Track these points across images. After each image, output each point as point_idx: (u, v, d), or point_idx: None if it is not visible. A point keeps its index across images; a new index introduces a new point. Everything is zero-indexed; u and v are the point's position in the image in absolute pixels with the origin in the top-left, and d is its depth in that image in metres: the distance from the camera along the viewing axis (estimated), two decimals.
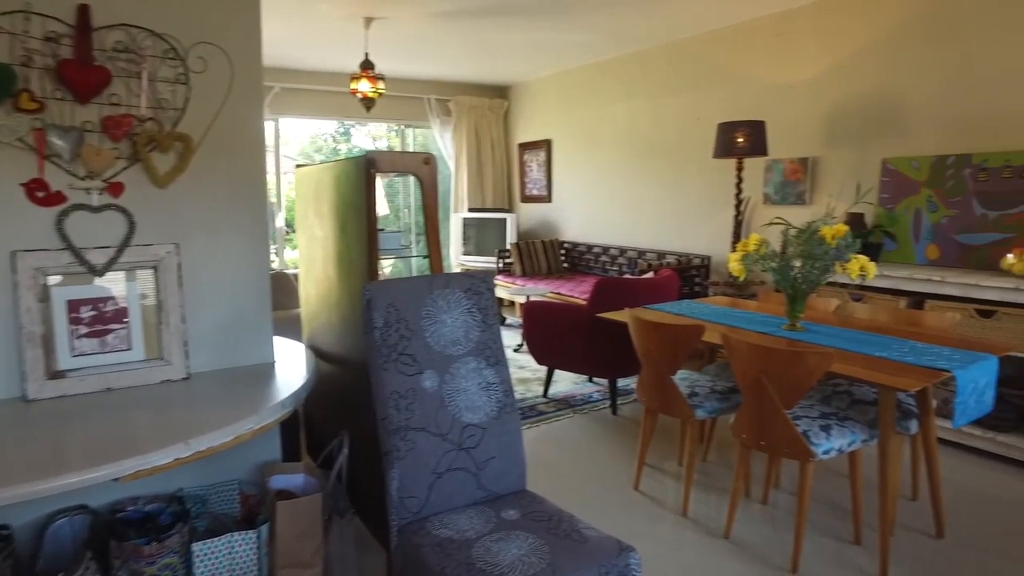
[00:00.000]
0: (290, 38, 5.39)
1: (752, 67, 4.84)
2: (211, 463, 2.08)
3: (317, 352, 2.65)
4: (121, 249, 1.95)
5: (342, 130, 9.69)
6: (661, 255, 5.65)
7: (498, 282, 6.67)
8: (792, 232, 2.73)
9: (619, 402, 4.16)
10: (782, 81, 4.63)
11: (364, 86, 5.14)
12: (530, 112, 7.50)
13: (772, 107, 4.69)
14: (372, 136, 9.74)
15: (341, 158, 2.22)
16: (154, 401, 1.85)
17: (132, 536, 1.71)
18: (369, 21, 4.85)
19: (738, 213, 4.60)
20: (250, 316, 2.23)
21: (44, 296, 1.85)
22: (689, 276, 5.13)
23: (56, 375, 1.86)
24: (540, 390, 4.43)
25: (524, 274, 6.54)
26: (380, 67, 6.13)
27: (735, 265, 2.85)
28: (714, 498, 2.89)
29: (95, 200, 1.91)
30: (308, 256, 2.69)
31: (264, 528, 1.94)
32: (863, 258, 2.62)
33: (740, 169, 4.55)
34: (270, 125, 6.77)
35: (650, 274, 4.56)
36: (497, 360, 1.86)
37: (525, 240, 6.72)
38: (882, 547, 2.29)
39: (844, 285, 3.77)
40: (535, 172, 7.45)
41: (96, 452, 1.46)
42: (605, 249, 6.39)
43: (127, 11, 1.89)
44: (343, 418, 2.45)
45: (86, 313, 1.90)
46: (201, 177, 2.08)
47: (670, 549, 2.48)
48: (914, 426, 2.51)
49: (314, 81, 6.75)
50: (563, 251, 6.94)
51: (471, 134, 7.58)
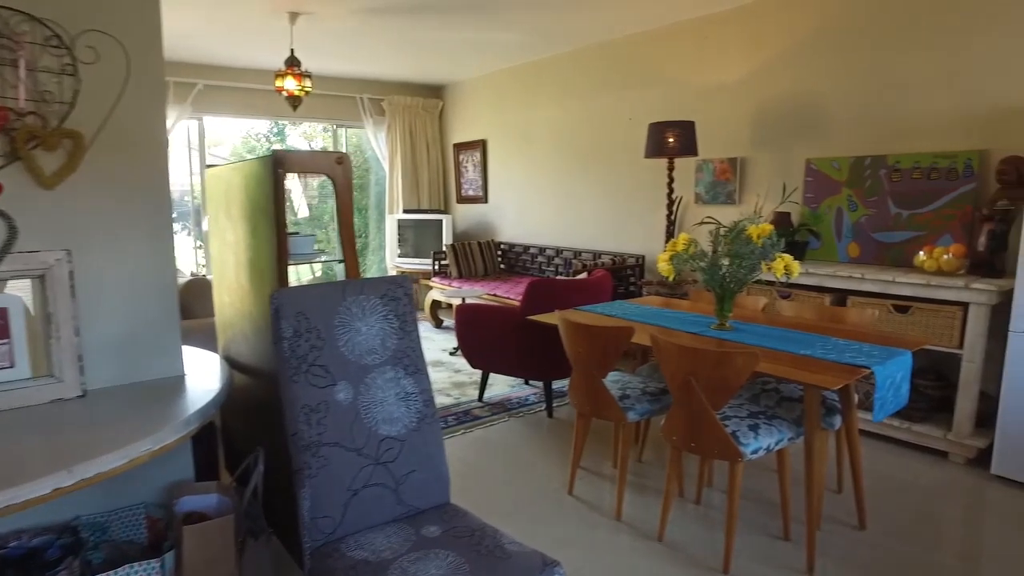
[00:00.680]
0: (213, 33, 5.14)
1: (682, 68, 4.90)
2: (112, 485, 1.93)
3: (232, 363, 2.50)
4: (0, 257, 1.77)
5: (276, 130, 9.36)
6: (597, 255, 5.66)
7: (434, 284, 6.56)
8: (722, 231, 2.75)
9: (555, 404, 4.12)
10: (711, 82, 4.70)
11: (290, 84, 4.95)
12: (465, 112, 7.42)
13: (702, 108, 4.75)
14: (306, 136, 9.46)
15: (250, 158, 2.09)
16: (41, 423, 1.69)
17: None
18: (295, 16, 4.67)
19: (670, 213, 4.65)
20: (156, 326, 2.08)
21: None
22: (624, 276, 5.15)
23: None
24: (476, 394, 4.36)
25: (461, 276, 6.45)
26: (309, 64, 5.94)
27: (664, 265, 2.85)
28: (648, 500, 2.88)
29: None
30: (220, 262, 2.54)
31: (170, 556, 1.80)
32: (788, 257, 2.66)
33: (672, 169, 4.60)
34: (194, 124, 6.48)
35: (584, 275, 4.55)
36: (417, 369, 1.78)
37: (462, 241, 6.63)
38: (808, 542, 2.33)
39: (772, 283, 3.84)
40: (471, 173, 7.36)
41: None
42: (541, 250, 6.36)
43: None
44: (260, 432, 2.32)
45: None
46: (96, 177, 1.92)
47: (602, 555, 2.45)
48: (838, 421, 2.56)
49: (241, 78, 6.49)
50: (500, 252, 6.89)
51: (406, 134, 7.43)
